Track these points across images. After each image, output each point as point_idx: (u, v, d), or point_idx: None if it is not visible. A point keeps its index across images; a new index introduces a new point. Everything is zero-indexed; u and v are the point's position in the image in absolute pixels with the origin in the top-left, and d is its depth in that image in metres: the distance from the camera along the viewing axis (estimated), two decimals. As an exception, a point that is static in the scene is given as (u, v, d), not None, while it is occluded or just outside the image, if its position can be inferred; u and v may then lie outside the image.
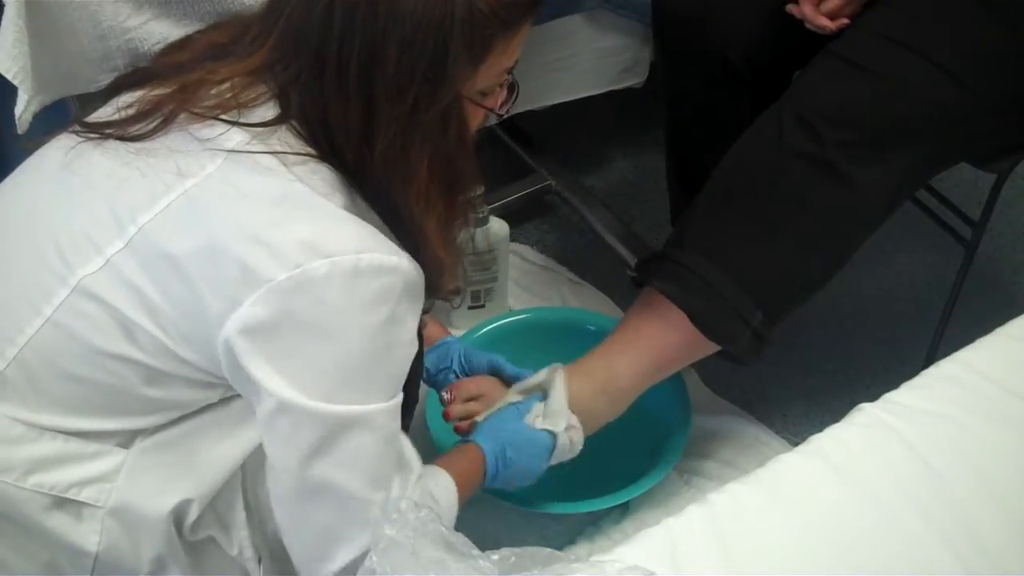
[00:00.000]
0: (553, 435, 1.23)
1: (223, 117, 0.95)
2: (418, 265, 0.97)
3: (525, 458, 1.21)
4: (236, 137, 0.94)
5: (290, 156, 0.94)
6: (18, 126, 1.15)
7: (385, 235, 0.96)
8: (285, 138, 0.95)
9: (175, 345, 0.94)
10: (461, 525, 1.02)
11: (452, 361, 1.36)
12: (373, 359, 0.94)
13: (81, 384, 0.96)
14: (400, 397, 0.99)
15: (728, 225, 1.34)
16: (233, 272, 0.89)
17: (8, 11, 1.11)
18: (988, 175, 1.52)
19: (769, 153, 1.32)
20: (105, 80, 1.22)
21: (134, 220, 0.93)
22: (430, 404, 1.46)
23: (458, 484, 1.11)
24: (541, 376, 1.30)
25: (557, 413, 1.25)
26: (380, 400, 0.95)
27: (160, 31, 1.20)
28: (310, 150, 0.95)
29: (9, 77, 1.11)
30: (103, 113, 1.02)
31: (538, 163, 2.01)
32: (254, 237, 0.90)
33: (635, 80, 1.75)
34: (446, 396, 1.31)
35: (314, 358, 0.92)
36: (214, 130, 0.94)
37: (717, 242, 1.33)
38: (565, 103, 1.75)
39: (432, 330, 1.39)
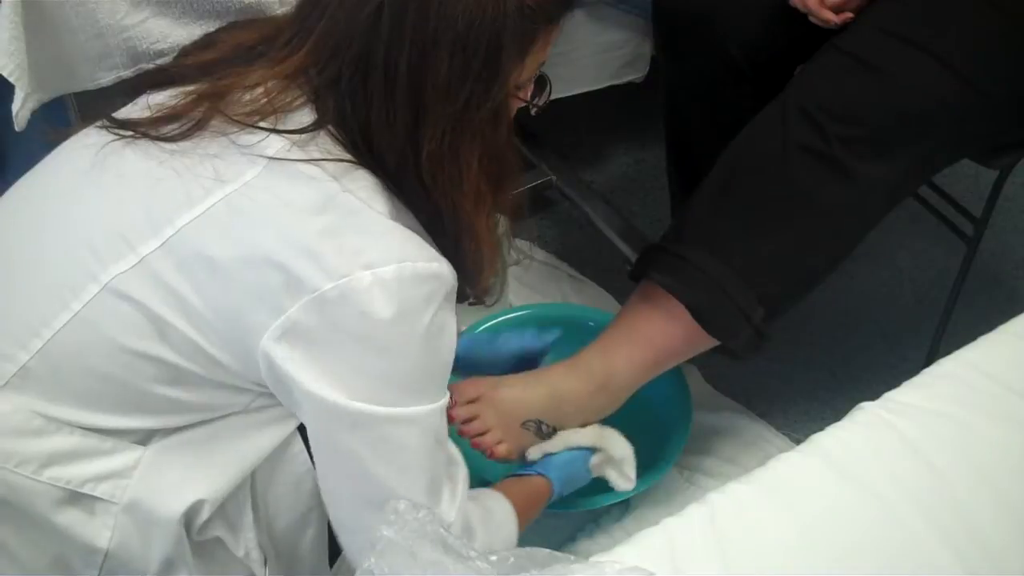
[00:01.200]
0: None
1: (261, 124, 0.94)
2: (452, 267, 0.97)
3: (575, 474, 1.30)
4: (275, 144, 0.93)
5: (329, 164, 0.93)
6: (15, 123, 1.15)
7: (423, 238, 0.97)
8: (323, 144, 0.95)
9: (209, 346, 0.93)
10: (460, 524, 1.02)
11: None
12: (417, 364, 0.94)
13: (104, 381, 0.95)
14: (446, 399, 0.99)
15: (730, 218, 1.33)
16: (277, 281, 0.90)
17: (4, 8, 1.11)
18: (990, 171, 1.52)
19: (772, 147, 1.31)
20: (103, 78, 1.21)
21: (171, 221, 0.93)
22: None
23: (519, 509, 1.15)
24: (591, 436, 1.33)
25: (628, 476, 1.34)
26: (426, 402, 0.96)
27: (158, 29, 1.20)
28: (348, 156, 0.95)
29: (5, 74, 1.11)
30: (130, 111, 1.01)
31: (539, 158, 2.00)
32: (299, 247, 0.90)
33: (636, 75, 1.75)
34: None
35: (359, 365, 0.92)
36: (253, 136, 0.93)
37: (719, 235, 1.32)
38: (566, 98, 1.74)
39: None
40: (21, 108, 1.13)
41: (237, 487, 1.02)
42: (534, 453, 1.30)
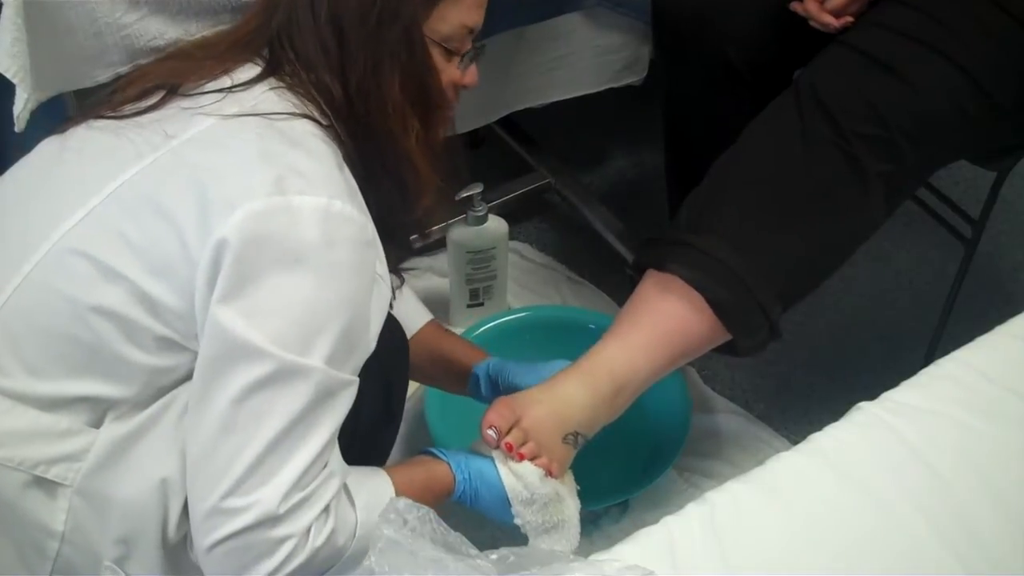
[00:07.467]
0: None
1: (210, 87, 1.02)
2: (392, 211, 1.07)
3: (492, 506, 1.17)
4: (223, 101, 1.01)
5: (275, 115, 1.00)
6: (16, 124, 1.15)
7: (360, 190, 1.02)
8: (268, 98, 1.02)
9: (151, 285, 0.94)
10: (460, 524, 1.02)
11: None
12: (328, 306, 0.94)
13: (58, 340, 0.96)
14: (351, 381, 0.97)
15: (750, 211, 1.29)
16: (215, 205, 0.93)
17: (7, 10, 1.11)
18: (988, 173, 1.52)
19: (791, 139, 1.30)
20: (101, 76, 1.22)
21: (118, 177, 0.98)
22: (430, 406, 1.46)
23: (406, 489, 1.07)
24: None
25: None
26: (320, 360, 0.93)
27: (155, 27, 1.21)
28: (292, 108, 1.01)
29: (9, 76, 1.11)
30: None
31: (537, 161, 2.01)
32: (236, 179, 0.94)
33: (634, 78, 1.75)
34: (492, 434, 1.20)
35: (274, 289, 0.92)
36: (202, 99, 1.01)
37: (741, 229, 1.28)
38: (564, 101, 1.75)
39: (471, 355, 1.37)
40: (23, 109, 1.14)
41: None
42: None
